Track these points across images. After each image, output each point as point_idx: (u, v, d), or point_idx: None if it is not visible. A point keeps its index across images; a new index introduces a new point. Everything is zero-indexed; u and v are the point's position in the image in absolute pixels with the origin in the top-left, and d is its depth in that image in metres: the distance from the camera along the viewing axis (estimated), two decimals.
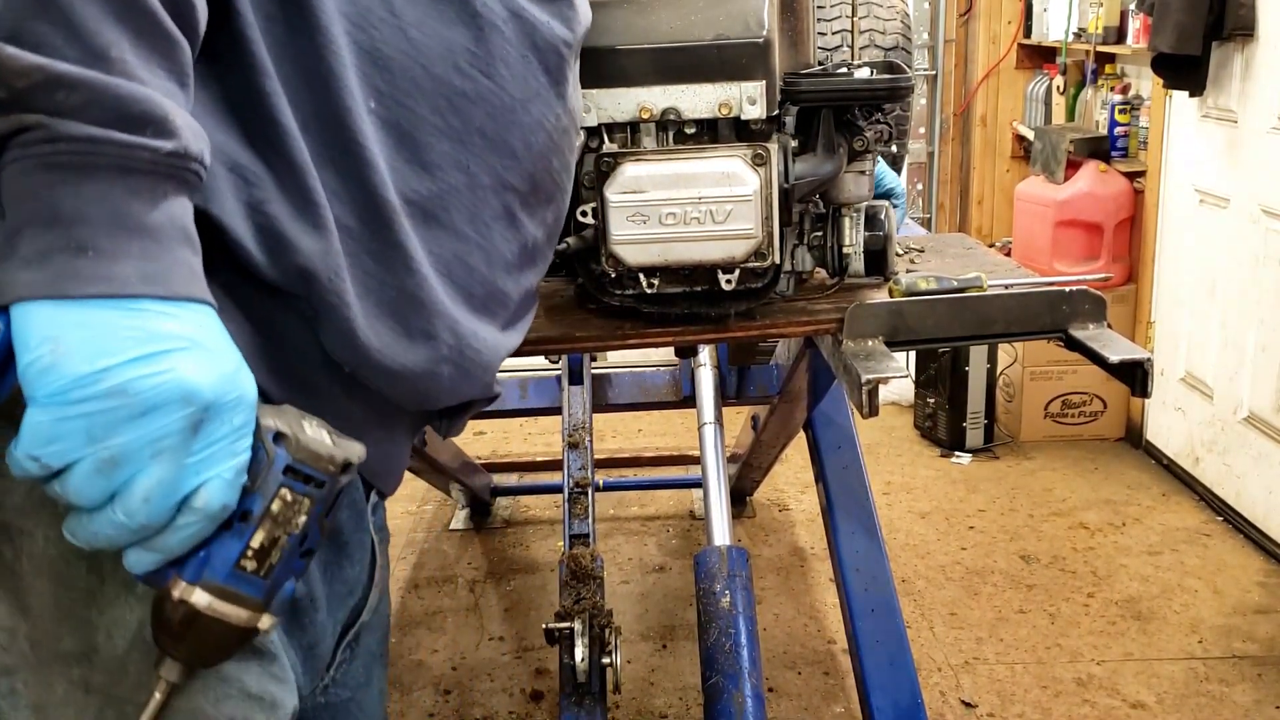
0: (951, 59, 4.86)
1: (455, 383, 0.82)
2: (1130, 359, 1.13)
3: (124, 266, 0.59)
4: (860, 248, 1.22)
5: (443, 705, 2.48)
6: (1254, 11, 2.90)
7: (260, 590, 0.68)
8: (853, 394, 1.13)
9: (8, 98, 0.57)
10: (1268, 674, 2.47)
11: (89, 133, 0.58)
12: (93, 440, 0.59)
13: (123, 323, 0.59)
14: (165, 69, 0.62)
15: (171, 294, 0.61)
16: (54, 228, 0.58)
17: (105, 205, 0.59)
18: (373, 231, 0.74)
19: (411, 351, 0.77)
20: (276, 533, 0.67)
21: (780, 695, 2.45)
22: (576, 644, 1.69)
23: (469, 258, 0.81)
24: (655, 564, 3.06)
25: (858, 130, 1.22)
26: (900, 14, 1.64)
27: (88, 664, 0.69)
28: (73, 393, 0.58)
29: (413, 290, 0.76)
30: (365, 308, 0.74)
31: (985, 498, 3.39)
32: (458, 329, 0.80)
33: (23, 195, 0.58)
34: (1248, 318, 3.04)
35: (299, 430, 0.68)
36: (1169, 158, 3.46)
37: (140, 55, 0.60)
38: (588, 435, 2.26)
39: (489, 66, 0.80)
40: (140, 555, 0.64)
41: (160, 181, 0.61)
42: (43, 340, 0.58)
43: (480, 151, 0.80)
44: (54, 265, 0.58)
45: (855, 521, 2.06)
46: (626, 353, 2.94)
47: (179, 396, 0.60)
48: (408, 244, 0.76)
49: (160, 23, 0.61)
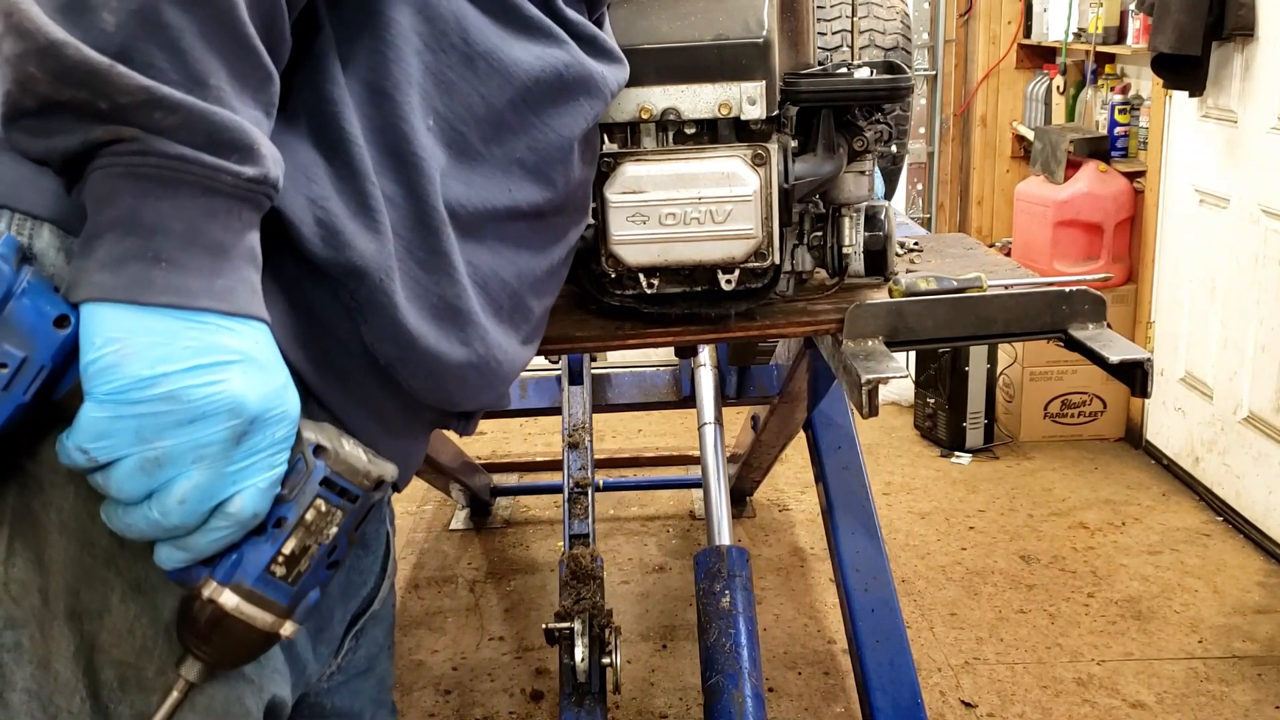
0: (951, 59, 4.86)
1: (478, 388, 0.85)
2: (1130, 359, 1.13)
3: (193, 280, 0.62)
4: (860, 248, 1.22)
5: (443, 705, 2.48)
6: (1254, 11, 2.90)
7: (287, 596, 0.70)
8: (853, 394, 1.13)
9: (109, 109, 0.60)
10: (1268, 674, 2.47)
11: (180, 152, 0.61)
12: (141, 440, 0.62)
13: (185, 332, 0.62)
14: (255, 100, 0.66)
15: (234, 310, 0.64)
16: (133, 235, 0.61)
17: (184, 221, 0.62)
18: (421, 239, 0.77)
19: (449, 351, 0.80)
20: (308, 541, 0.69)
21: (780, 695, 2.45)
22: (576, 644, 1.69)
23: (502, 273, 0.85)
24: (655, 564, 3.06)
25: (858, 130, 1.22)
26: (900, 14, 1.64)
27: (98, 622, 0.71)
28: (130, 393, 0.61)
29: (452, 299, 0.79)
30: (410, 309, 0.77)
31: (985, 498, 3.40)
32: (487, 338, 0.83)
33: (107, 199, 0.62)
34: (1247, 318, 3.04)
35: (339, 445, 0.70)
36: (1169, 158, 3.46)
37: (235, 85, 0.64)
38: (588, 435, 2.26)
39: (541, 105, 0.84)
40: (171, 552, 0.67)
41: (237, 204, 0.64)
42: (108, 340, 0.61)
43: (519, 179, 0.84)
44: (129, 271, 0.61)
45: (855, 521, 2.06)
46: (626, 353, 2.94)
47: (227, 408, 0.63)
48: (452, 254, 0.79)
49: (258, 57, 0.65)
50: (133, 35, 0.60)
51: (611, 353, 2.79)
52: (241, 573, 0.68)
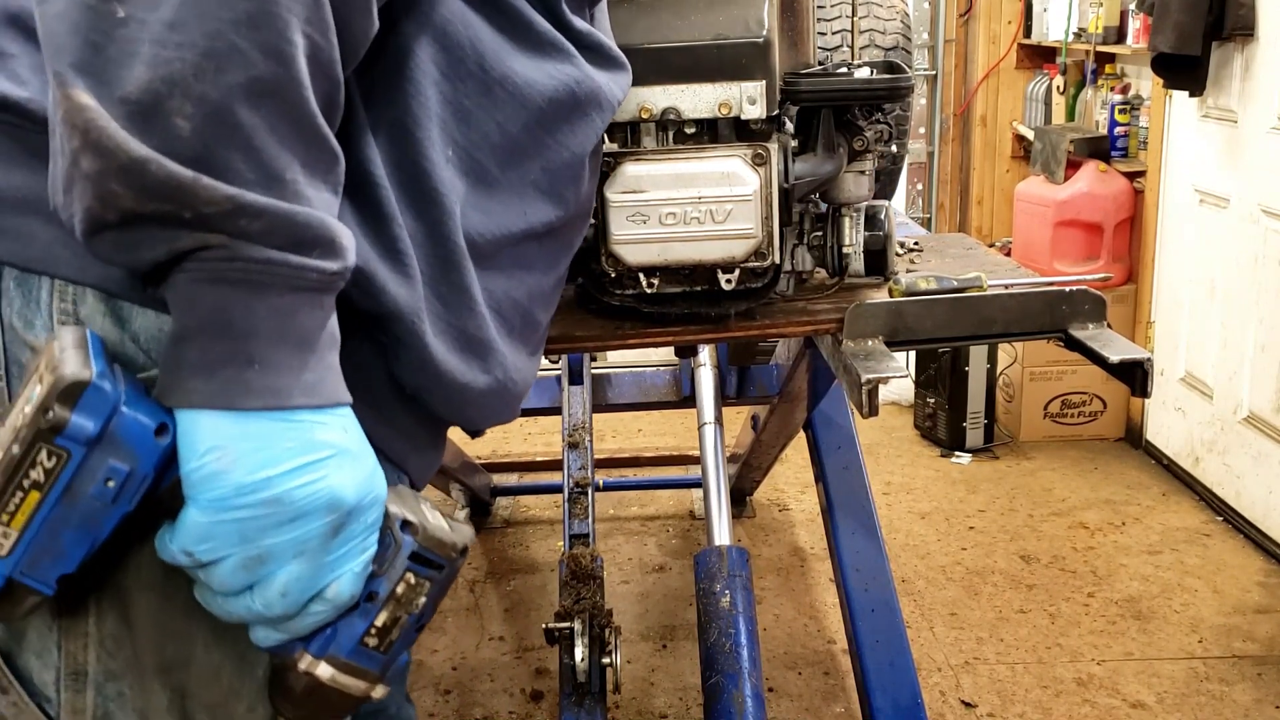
0: (951, 59, 4.86)
1: (497, 410, 0.86)
2: (1130, 359, 1.13)
3: (286, 379, 0.63)
4: (860, 247, 1.22)
5: (443, 705, 2.48)
6: (1254, 11, 2.90)
7: (379, 664, 0.72)
8: (853, 394, 1.13)
9: (193, 218, 0.60)
10: (1268, 674, 2.47)
11: (267, 255, 0.62)
12: (244, 541, 0.64)
13: (283, 434, 0.63)
14: (325, 183, 0.66)
15: (324, 402, 0.65)
16: (224, 338, 0.62)
17: (274, 321, 0.63)
18: (443, 275, 0.77)
19: (472, 380, 0.81)
20: (399, 613, 0.72)
21: (780, 695, 2.45)
22: (576, 644, 1.69)
23: (514, 294, 0.85)
24: (655, 564, 3.06)
25: (858, 130, 1.22)
26: (900, 14, 1.64)
27: (185, 671, 0.73)
28: (234, 499, 0.63)
29: (474, 330, 0.80)
30: (437, 344, 0.77)
31: (985, 498, 3.40)
32: (505, 363, 0.84)
33: (195, 305, 0.62)
34: (1247, 318, 3.04)
35: (424, 518, 0.72)
36: (1169, 158, 3.46)
37: (308, 174, 0.64)
38: (588, 435, 2.26)
39: (555, 125, 0.83)
40: (268, 633, 0.69)
41: (321, 295, 0.65)
42: (210, 449, 0.62)
43: (534, 200, 0.84)
44: (223, 375, 0.62)
45: (855, 521, 2.06)
46: (626, 353, 2.94)
47: (327, 504, 0.65)
48: (472, 288, 0.79)
49: (326, 141, 0.65)
50: (209, 140, 0.60)
51: (611, 352, 2.79)
52: (336, 646, 0.70)
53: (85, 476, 0.63)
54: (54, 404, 0.61)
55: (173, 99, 0.59)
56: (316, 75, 0.63)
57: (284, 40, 0.61)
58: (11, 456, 0.62)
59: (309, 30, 0.62)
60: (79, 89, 0.58)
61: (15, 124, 0.68)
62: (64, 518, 0.63)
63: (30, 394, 0.63)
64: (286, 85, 0.61)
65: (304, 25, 0.62)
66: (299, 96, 0.62)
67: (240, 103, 0.60)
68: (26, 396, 0.63)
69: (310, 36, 0.62)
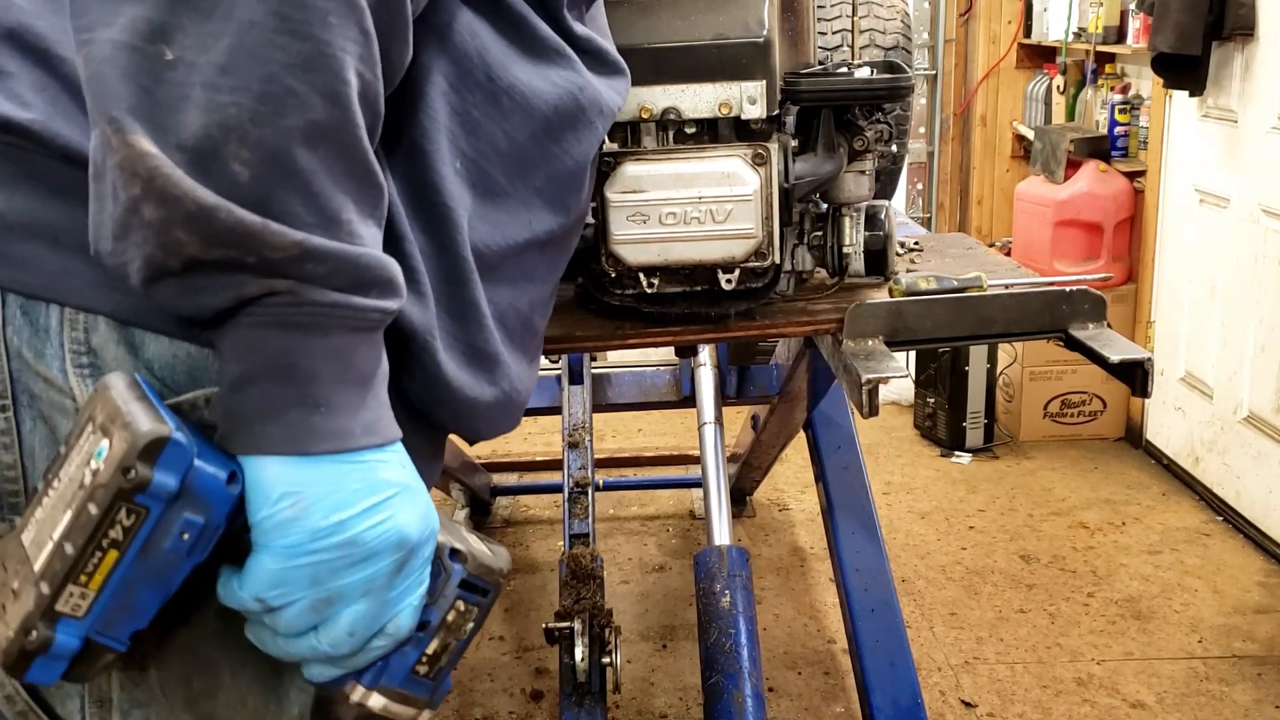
0: (951, 59, 4.85)
1: (502, 420, 0.86)
2: (1130, 359, 1.13)
3: (350, 420, 0.64)
4: (860, 247, 1.22)
5: (443, 705, 2.47)
6: (1254, 11, 2.90)
7: (428, 691, 0.73)
8: (853, 394, 1.13)
9: (258, 264, 0.59)
10: (1268, 674, 2.47)
11: (332, 299, 0.62)
12: (315, 584, 0.64)
13: (351, 475, 0.64)
14: (374, 217, 0.65)
15: (384, 441, 0.66)
16: (289, 383, 0.62)
17: (336, 363, 0.63)
18: (451, 290, 0.77)
19: (480, 395, 0.80)
20: (448, 639, 0.72)
21: (780, 695, 2.45)
22: (576, 644, 1.69)
23: (517, 303, 0.84)
24: (655, 564, 3.06)
25: (858, 130, 1.22)
26: (900, 14, 1.64)
27: (211, 701, 0.73)
28: (308, 544, 0.63)
29: (481, 344, 0.79)
30: (448, 360, 0.77)
31: (985, 497, 3.39)
32: (510, 374, 0.83)
33: (258, 350, 0.62)
34: (1247, 317, 3.04)
35: (470, 545, 0.73)
36: (1169, 157, 3.46)
37: (360, 212, 0.64)
38: (588, 435, 2.26)
39: (560, 134, 0.82)
40: (325, 670, 0.69)
41: (378, 332, 0.65)
42: (283, 496, 0.62)
43: (539, 210, 0.83)
44: (290, 421, 0.62)
45: (855, 521, 2.06)
46: (626, 353, 2.93)
47: (396, 542, 0.65)
48: (479, 300, 0.78)
49: (376, 177, 0.65)
50: (269, 185, 0.59)
51: (611, 352, 2.79)
52: (389, 677, 0.70)
53: (162, 532, 0.62)
54: (135, 462, 0.60)
55: (230, 144, 0.58)
56: (365, 111, 0.63)
57: (340, 81, 0.60)
58: (89, 517, 0.61)
59: (362, 69, 0.61)
60: (138, 135, 0.57)
61: (18, 146, 0.66)
62: (140, 574, 0.63)
63: (93, 449, 0.61)
64: (343, 126, 0.61)
65: (358, 64, 0.61)
66: (354, 137, 0.62)
67: (298, 146, 0.59)
68: (88, 451, 0.62)
69: (362, 75, 0.62)
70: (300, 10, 0.58)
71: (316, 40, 0.59)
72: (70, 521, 0.61)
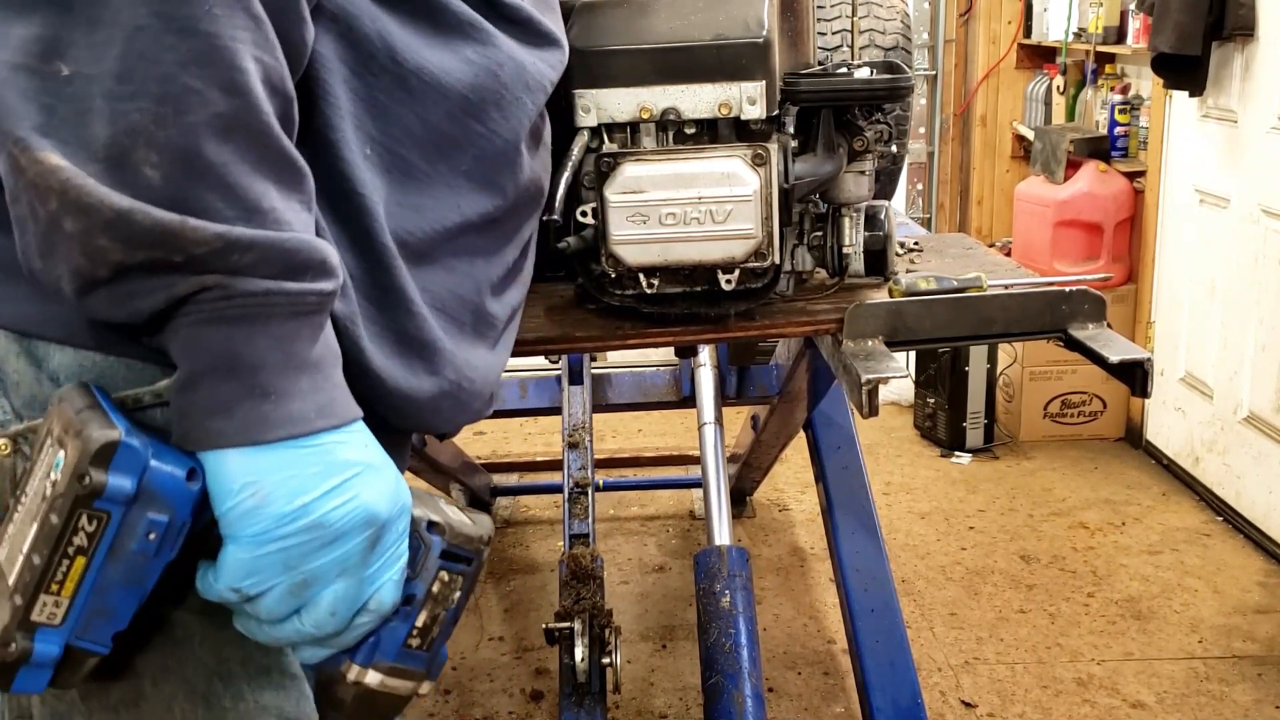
0: (951, 59, 4.85)
1: (455, 412, 0.84)
2: (1130, 359, 1.13)
3: (302, 404, 0.64)
4: (860, 248, 1.22)
5: (443, 705, 2.48)
6: (1254, 11, 2.90)
7: (423, 662, 0.75)
8: (852, 394, 1.13)
9: (184, 261, 0.60)
10: (1268, 674, 2.47)
11: (264, 287, 0.62)
12: (289, 569, 0.65)
13: (310, 459, 0.64)
14: (300, 201, 0.65)
15: (340, 421, 0.66)
16: (235, 377, 0.62)
17: (280, 350, 0.63)
18: (374, 278, 0.76)
19: (418, 386, 0.79)
20: (436, 610, 0.74)
21: (780, 695, 2.45)
22: (576, 644, 1.69)
23: (459, 289, 0.82)
24: (655, 564, 3.06)
25: (858, 130, 1.21)
26: (900, 14, 1.64)
27: (134, 710, 0.73)
28: (274, 531, 0.64)
29: (414, 332, 0.78)
30: (374, 350, 0.76)
31: (985, 498, 3.39)
32: (455, 362, 0.82)
33: (200, 348, 0.62)
34: (1247, 317, 3.04)
35: (447, 516, 0.74)
36: (1169, 158, 3.46)
37: (283, 197, 0.64)
38: (588, 435, 2.26)
39: (482, 112, 0.80)
40: (315, 651, 0.70)
41: (319, 315, 0.65)
42: (243, 486, 0.63)
43: (468, 192, 0.81)
44: (240, 413, 0.63)
45: (855, 521, 2.06)
46: (626, 353, 2.93)
47: (363, 521, 0.66)
48: (406, 286, 0.77)
49: (292, 159, 0.64)
50: (182, 184, 0.59)
51: (611, 353, 2.79)
52: (381, 653, 0.72)
53: (127, 534, 0.63)
54: (88, 469, 0.61)
55: (138, 149, 0.58)
56: (272, 95, 0.62)
57: (236, 71, 0.60)
58: (52, 527, 0.62)
59: (258, 54, 0.61)
60: (46, 151, 0.57)
61: None
62: (111, 577, 0.64)
63: (52, 461, 0.63)
64: (248, 115, 0.61)
65: (252, 49, 0.61)
66: (262, 123, 0.62)
67: (206, 141, 0.59)
68: (48, 463, 0.63)
69: (260, 60, 0.61)
70: (183, 6, 0.58)
71: (204, 34, 0.59)
72: (36, 533, 0.62)
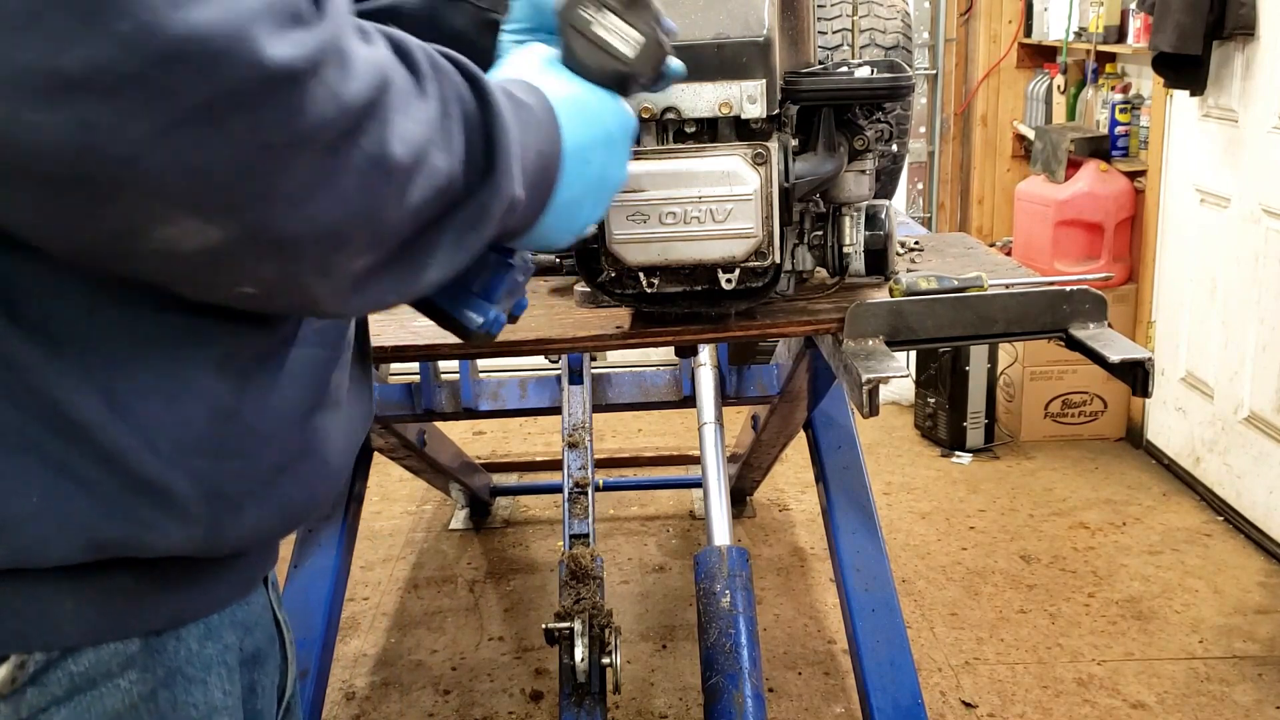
0: (952, 58, 4.85)
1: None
2: (1131, 358, 1.13)
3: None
4: (860, 247, 1.22)
5: (442, 705, 2.47)
6: (1254, 11, 2.89)
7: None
8: (853, 394, 1.13)
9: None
10: (1268, 674, 2.46)
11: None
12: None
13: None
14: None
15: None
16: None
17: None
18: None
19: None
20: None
21: (780, 695, 2.45)
22: (576, 644, 1.69)
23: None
24: (655, 564, 3.06)
25: (858, 129, 1.21)
26: (901, 13, 1.63)
27: None
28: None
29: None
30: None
31: (985, 498, 3.39)
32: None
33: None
34: (1248, 317, 3.04)
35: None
36: (1170, 157, 3.45)
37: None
38: (587, 435, 2.26)
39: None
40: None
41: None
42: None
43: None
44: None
45: (855, 521, 2.05)
46: (626, 353, 2.93)
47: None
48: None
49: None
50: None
51: (611, 353, 2.79)
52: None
53: None
54: None
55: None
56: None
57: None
58: None
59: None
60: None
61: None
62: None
63: None
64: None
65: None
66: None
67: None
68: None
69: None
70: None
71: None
72: None
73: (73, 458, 0.62)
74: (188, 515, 0.65)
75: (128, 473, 0.63)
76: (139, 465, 0.63)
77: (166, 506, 0.64)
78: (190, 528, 0.66)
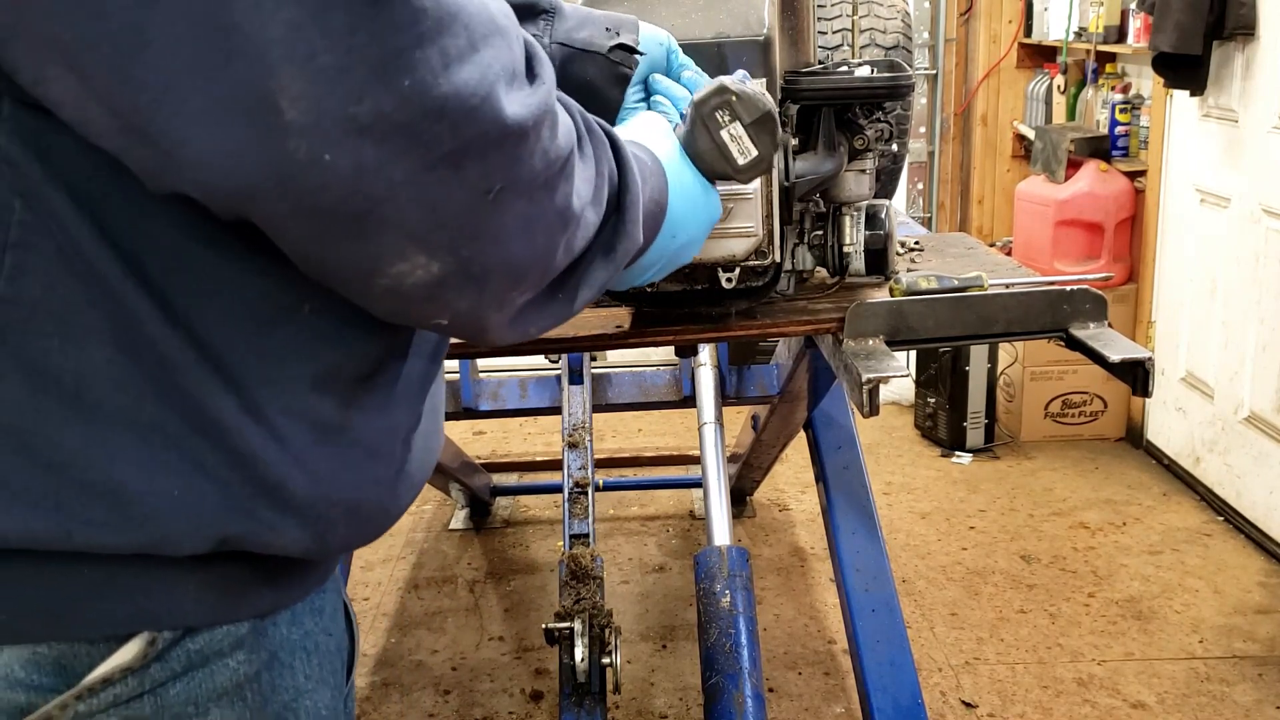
0: (952, 58, 4.85)
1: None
2: (1131, 358, 1.13)
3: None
4: (861, 246, 1.22)
5: (443, 705, 2.47)
6: (1254, 11, 2.89)
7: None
8: (853, 393, 1.12)
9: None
10: (1268, 674, 2.46)
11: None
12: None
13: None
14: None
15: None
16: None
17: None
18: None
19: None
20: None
21: (780, 695, 2.45)
22: (576, 644, 1.69)
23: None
24: (655, 564, 3.06)
25: (858, 129, 1.21)
26: (901, 13, 1.63)
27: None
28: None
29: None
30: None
31: (986, 498, 3.39)
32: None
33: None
34: (1248, 317, 3.04)
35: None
36: (1170, 157, 3.45)
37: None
38: (587, 435, 2.26)
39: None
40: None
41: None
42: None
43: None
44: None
45: (855, 521, 2.05)
46: (626, 352, 2.93)
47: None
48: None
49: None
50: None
51: (611, 352, 2.79)
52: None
53: None
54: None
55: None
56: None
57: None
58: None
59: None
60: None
61: None
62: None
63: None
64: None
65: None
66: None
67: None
68: None
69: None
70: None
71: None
72: None
73: (210, 457, 0.66)
74: (304, 520, 0.71)
75: (256, 476, 0.68)
76: (266, 470, 0.68)
77: (286, 510, 0.69)
78: (304, 531, 0.71)
